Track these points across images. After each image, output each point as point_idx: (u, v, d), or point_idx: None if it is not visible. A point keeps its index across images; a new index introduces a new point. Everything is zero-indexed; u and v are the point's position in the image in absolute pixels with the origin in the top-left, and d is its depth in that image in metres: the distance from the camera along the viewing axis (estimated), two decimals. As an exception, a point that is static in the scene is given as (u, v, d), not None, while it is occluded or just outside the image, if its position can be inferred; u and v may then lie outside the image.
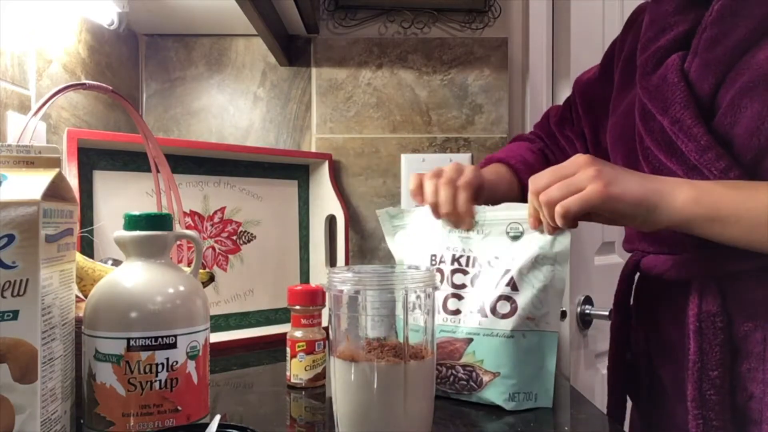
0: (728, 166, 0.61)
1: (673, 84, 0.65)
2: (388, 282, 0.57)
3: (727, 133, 0.61)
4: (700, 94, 0.64)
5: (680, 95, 0.64)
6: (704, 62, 0.64)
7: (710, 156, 0.61)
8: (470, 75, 1.33)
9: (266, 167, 1.21)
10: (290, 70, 1.34)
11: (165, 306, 0.56)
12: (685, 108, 0.64)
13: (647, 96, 0.68)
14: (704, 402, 0.64)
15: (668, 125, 0.65)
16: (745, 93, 0.60)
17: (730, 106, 0.61)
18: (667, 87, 0.66)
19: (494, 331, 0.69)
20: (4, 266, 0.46)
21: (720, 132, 0.62)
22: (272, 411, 0.74)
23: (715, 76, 0.63)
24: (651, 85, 0.68)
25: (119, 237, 0.58)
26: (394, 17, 1.33)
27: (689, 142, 0.63)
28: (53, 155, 0.52)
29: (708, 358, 0.64)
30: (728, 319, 0.64)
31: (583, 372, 1.40)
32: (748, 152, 0.60)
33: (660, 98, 0.66)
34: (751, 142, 0.60)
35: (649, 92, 0.68)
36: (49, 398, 0.50)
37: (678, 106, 0.64)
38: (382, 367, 0.55)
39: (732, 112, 0.61)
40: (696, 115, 0.63)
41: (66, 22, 1.01)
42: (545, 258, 0.70)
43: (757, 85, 0.59)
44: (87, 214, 0.96)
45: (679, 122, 0.64)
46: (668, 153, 0.66)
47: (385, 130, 1.33)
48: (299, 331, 0.79)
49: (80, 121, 1.05)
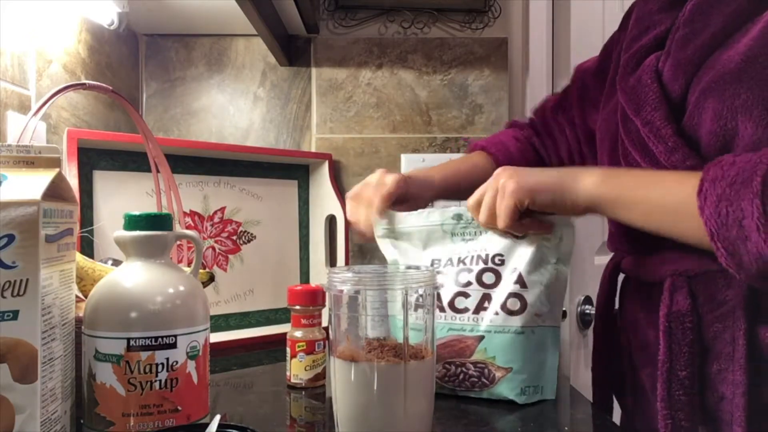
0: (695, 166, 0.60)
1: (647, 85, 0.66)
2: (388, 282, 0.57)
3: (694, 133, 0.61)
4: (672, 94, 0.64)
5: (652, 96, 0.64)
6: (675, 62, 0.64)
7: (678, 157, 0.61)
8: (470, 75, 1.33)
9: (266, 167, 1.21)
10: (290, 70, 1.34)
11: (165, 306, 0.56)
12: (655, 109, 0.64)
13: (624, 97, 0.69)
14: (673, 402, 0.63)
15: (640, 126, 0.65)
16: (707, 93, 0.60)
17: (695, 106, 0.61)
18: (641, 88, 0.66)
19: (506, 328, 0.71)
20: (4, 266, 0.46)
21: (687, 133, 0.62)
22: (272, 411, 0.74)
23: (684, 77, 0.63)
24: (628, 87, 0.69)
25: (119, 237, 0.58)
26: (394, 17, 1.33)
27: (658, 143, 0.63)
28: (53, 155, 0.52)
29: (677, 358, 0.63)
30: (698, 319, 0.63)
31: (583, 372, 1.41)
32: (712, 152, 0.59)
33: (634, 99, 0.67)
34: (714, 142, 0.59)
35: (626, 93, 0.68)
36: (49, 398, 0.50)
37: (649, 108, 0.64)
38: (382, 367, 0.55)
39: (697, 113, 0.61)
40: (666, 117, 0.63)
41: (66, 22, 1.01)
42: (551, 256, 0.72)
43: (717, 85, 0.59)
44: (87, 214, 0.96)
45: (649, 123, 0.64)
46: (642, 154, 0.66)
47: (385, 130, 1.33)
48: (299, 331, 0.79)
49: (80, 121, 1.05)
